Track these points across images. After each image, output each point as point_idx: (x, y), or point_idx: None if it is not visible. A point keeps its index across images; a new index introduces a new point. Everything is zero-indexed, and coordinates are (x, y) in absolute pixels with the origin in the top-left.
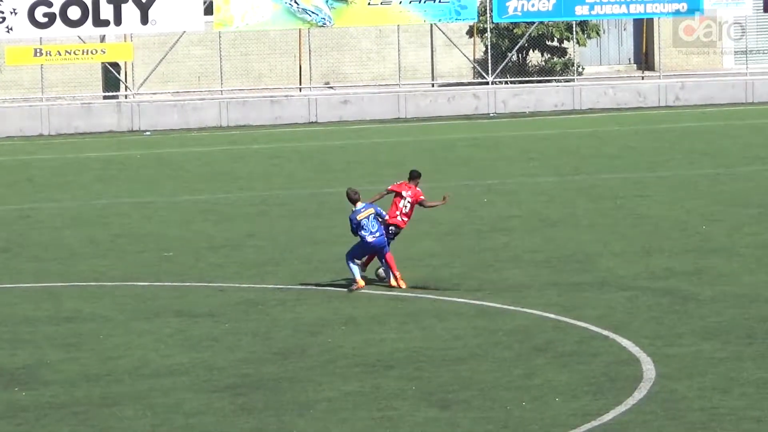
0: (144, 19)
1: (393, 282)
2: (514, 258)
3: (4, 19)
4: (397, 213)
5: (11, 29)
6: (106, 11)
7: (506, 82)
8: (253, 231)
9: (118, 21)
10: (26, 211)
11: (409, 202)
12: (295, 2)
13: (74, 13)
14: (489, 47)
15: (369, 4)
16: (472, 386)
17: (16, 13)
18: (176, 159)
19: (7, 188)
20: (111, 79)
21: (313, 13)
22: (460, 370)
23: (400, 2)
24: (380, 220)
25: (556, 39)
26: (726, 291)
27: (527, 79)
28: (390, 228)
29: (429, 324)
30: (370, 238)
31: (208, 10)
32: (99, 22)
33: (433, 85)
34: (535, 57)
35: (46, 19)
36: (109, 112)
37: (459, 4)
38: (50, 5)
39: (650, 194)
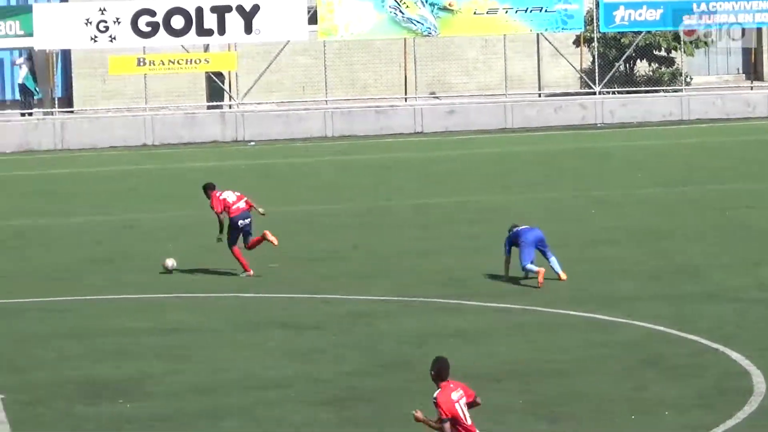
0: (248, 29)
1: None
2: (622, 270)
3: (107, 28)
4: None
5: (114, 39)
6: (210, 20)
7: (614, 92)
8: (358, 242)
9: (221, 30)
10: (129, 222)
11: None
12: (400, 11)
13: (178, 22)
14: (596, 57)
15: (475, 13)
16: (582, 400)
17: (119, 23)
18: (280, 170)
19: (111, 199)
20: (215, 88)
21: (418, 22)
22: (569, 383)
23: (506, 12)
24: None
25: (663, 49)
26: None
27: (635, 89)
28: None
29: (537, 337)
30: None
31: (313, 20)
32: (203, 32)
33: (539, 95)
34: (642, 67)
35: (149, 29)
36: (213, 122)
37: (566, 14)
38: (153, 14)
39: (759, 205)
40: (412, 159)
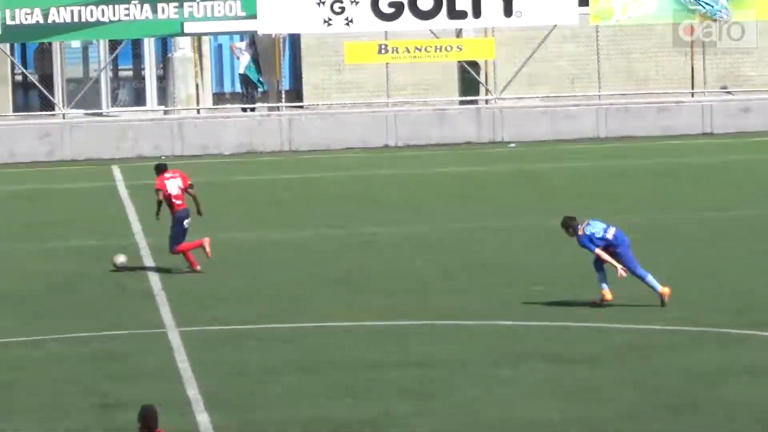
0: (508, 11)
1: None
2: None
3: (343, 9)
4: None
5: (351, 22)
6: (463, 1)
7: None
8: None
9: (477, 13)
10: (368, 237)
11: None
12: None
13: (425, 3)
14: None
15: None
16: None
17: (357, 3)
18: (545, 176)
19: (347, 209)
20: (469, 81)
21: (707, 4)
22: None
23: None
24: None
25: None
26: None
27: None
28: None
29: None
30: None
31: (584, 1)
32: (455, 14)
33: None
34: None
35: (392, 10)
36: (466, 120)
37: None
38: None
39: None
40: (700, 164)
